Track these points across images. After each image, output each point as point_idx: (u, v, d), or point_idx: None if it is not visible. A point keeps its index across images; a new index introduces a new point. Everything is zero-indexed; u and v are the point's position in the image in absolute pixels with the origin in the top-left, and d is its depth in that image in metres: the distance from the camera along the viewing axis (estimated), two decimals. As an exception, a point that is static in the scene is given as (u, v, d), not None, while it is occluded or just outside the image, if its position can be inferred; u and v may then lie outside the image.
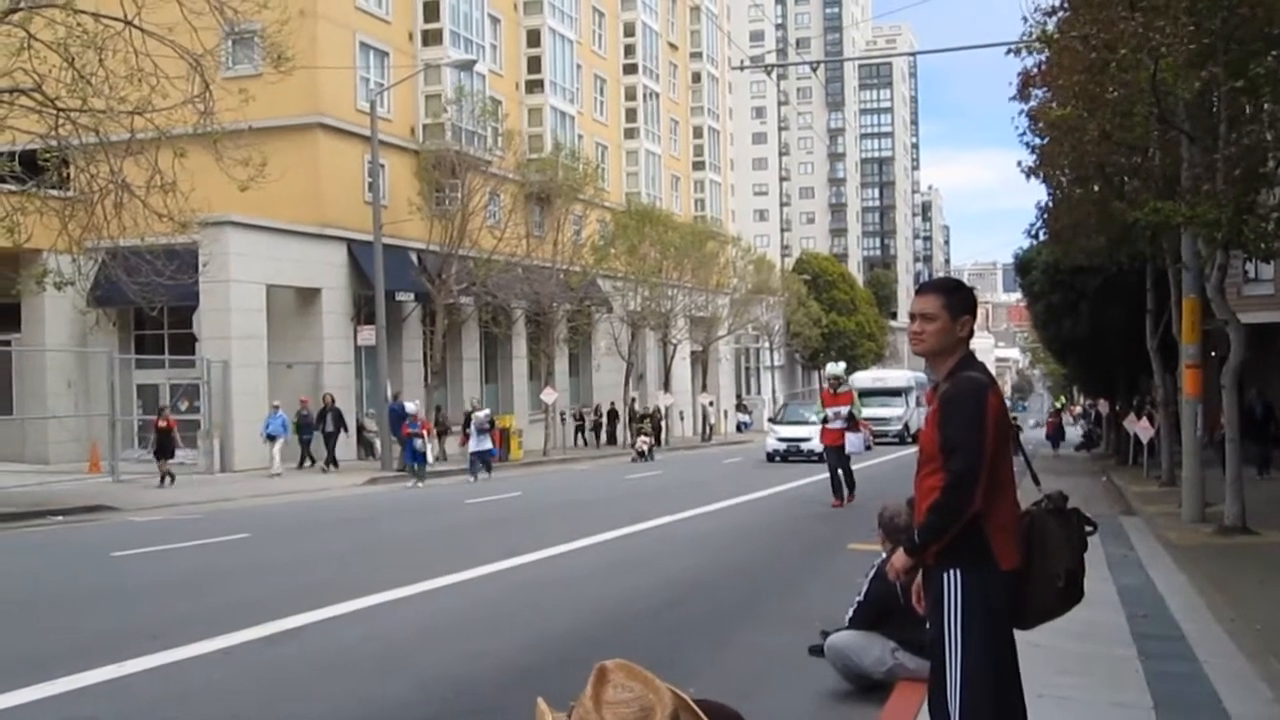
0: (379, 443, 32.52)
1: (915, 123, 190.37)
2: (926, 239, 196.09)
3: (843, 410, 19.68)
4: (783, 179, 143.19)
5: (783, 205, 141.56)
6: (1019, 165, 21.86)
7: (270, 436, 29.20)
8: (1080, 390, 70.00)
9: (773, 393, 73.75)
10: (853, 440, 19.73)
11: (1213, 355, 23.69)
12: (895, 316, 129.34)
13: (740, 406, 69.26)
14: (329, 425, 31.17)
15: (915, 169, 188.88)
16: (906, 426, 50.06)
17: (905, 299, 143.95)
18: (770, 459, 35.23)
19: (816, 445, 32.70)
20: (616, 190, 53.76)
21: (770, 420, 42.95)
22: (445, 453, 34.51)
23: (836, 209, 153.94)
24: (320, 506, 21.99)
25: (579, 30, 50.55)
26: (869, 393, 51.77)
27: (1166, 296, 21.98)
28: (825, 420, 19.94)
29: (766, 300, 64.53)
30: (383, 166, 33.56)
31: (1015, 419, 52.84)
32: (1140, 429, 26.79)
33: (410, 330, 37.90)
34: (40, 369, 31.44)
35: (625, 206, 50.89)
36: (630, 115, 56.67)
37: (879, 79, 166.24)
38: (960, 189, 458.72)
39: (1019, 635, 4.15)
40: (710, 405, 57.37)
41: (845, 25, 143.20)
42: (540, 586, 11.44)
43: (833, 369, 21.07)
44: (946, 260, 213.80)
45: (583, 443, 45.98)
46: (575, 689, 2.61)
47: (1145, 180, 17.97)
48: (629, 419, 47.02)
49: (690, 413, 58.88)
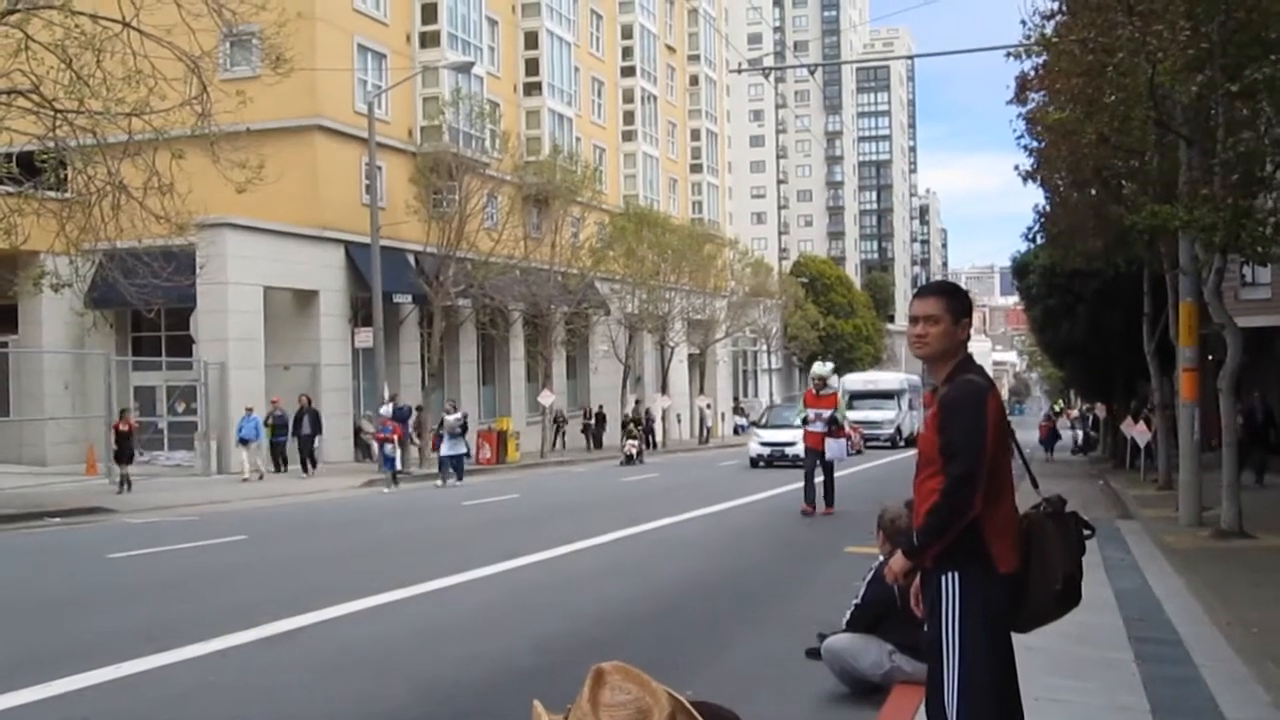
0: (375, 445, 32.44)
1: (913, 126, 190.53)
2: (924, 242, 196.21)
3: (825, 413, 18.60)
4: (780, 182, 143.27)
5: (780, 208, 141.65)
6: (1017, 169, 21.93)
7: (243, 440, 28.51)
8: (1078, 394, 70.02)
9: (770, 395, 73.77)
10: (833, 446, 18.60)
11: (1210, 359, 23.71)
12: (893, 320, 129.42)
13: (737, 409, 69.30)
14: (306, 428, 29.91)
15: (913, 172, 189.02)
16: (899, 430, 49.67)
17: (903, 302, 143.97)
18: (754, 464, 33.83)
19: (802, 450, 32.67)
20: (614, 193, 53.78)
21: (754, 424, 40.85)
22: (423, 456, 33.89)
23: (834, 212, 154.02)
24: (317, 509, 21.99)
25: (577, 33, 50.58)
26: (861, 395, 51.44)
27: (1164, 300, 22.01)
28: (805, 421, 18.88)
29: (764, 303, 64.57)
30: (380, 168, 33.56)
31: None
32: (1137, 433, 26.82)
33: (408, 332, 37.90)
34: (37, 371, 31.42)
35: (623, 209, 50.92)
36: (628, 118, 56.71)
37: (877, 82, 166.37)
38: (958, 192, 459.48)
39: (1016, 638, 4.16)
40: (707, 408, 57.41)
41: (843, 28, 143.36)
42: (538, 589, 11.44)
43: (820, 369, 19.81)
44: (944, 263, 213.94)
45: (562, 445, 44.31)
46: (573, 691, 2.62)
47: (1143, 184, 17.99)
48: (622, 423, 46.44)
49: (687, 415, 58.90)
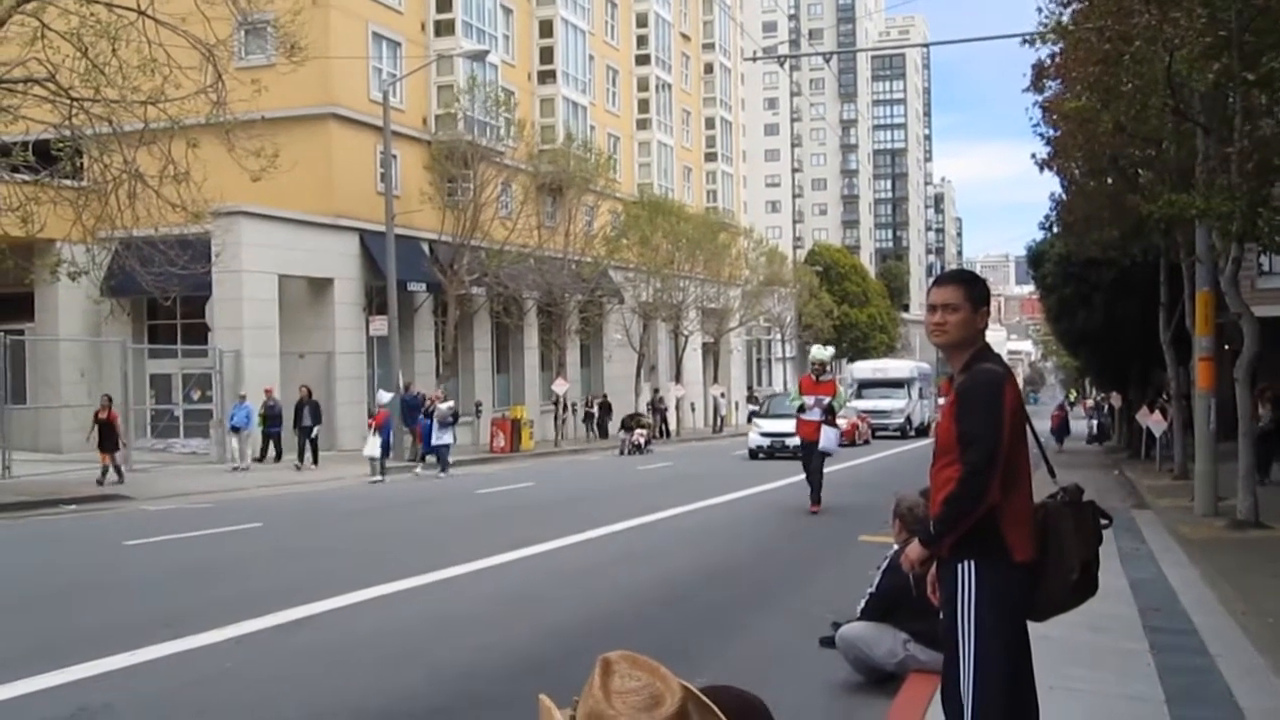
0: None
1: (928, 114, 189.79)
2: (939, 231, 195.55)
3: (824, 400, 17.02)
4: (795, 170, 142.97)
5: (795, 197, 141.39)
6: (1033, 158, 21.84)
7: (234, 428, 27.94)
8: (1093, 383, 69.78)
9: (784, 384, 73.70)
10: (828, 436, 17.01)
11: (1226, 349, 23.60)
12: (907, 308, 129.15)
13: (751, 398, 69.20)
14: (306, 419, 28.70)
15: (928, 161, 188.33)
16: (909, 420, 48.86)
17: (917, 291, 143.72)
18: (754, 455, 32.41)
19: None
20: (628, 181, 53.71)
21: (754, 414, 38.72)
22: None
23: (849, 201, 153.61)
24: (331, 497, 22.05)
25: (591, 21, 50.49)
26: (870, 384, 51.00)
27: (1180, 290, 21.90)
28: (802, 409, 17.13)
29: (778, 292, 64.45)
30: (395, 157, 33.58)
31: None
32: (1153, 422, 26.70)
33: (422, 321, 37.94)
34: (54, 358, 31.55)
35: (637, 198, 50.86)
36: (643, 106, 56.61)
37: (892, 70, 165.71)
38: (973, 181, 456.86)
39: (1032, 627, 4.15)
40: (721, 397, 57.37)
41: (858, 16, 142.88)
42: (551, 577, 11.46)
43: (820, 352, 18.09)
44: (959, 252, 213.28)
45: (560, 436, 42.46)
46: (585, 680, 2.62)
47: (1159, 172, 17.92)
48: (623, 421, 44.95)
49: (701, 404, 58.89)
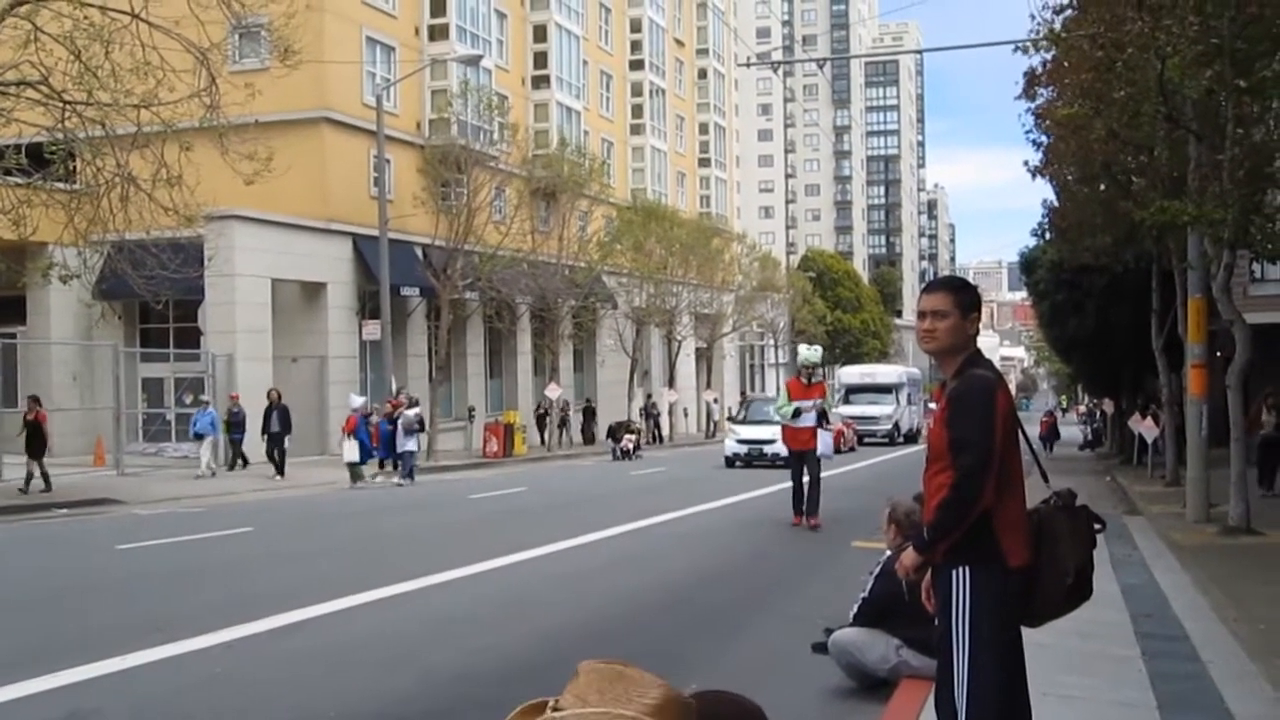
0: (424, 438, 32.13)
1: (921, 120, 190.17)
2: (932, 237, 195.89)
3: (819, 403, 16.02)
4: (788, 176, 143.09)
5: (788, 202, 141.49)
6: (1026, 165, 21.90)
7: (198, 435, 26.70)
8: (1085, 389, 69.89)
9: (777, 390, 73.70)
10: (824, 440, 16.21)
11: (1218, 355, 23.66)
12: (900, 314, 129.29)
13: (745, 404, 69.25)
14: (275, 425, 26.89)
15: (921, 167, 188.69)
16: (896, 426, 48.22)
17: (910, 297, 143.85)
18: (730, 464, 30.87)
19: (781, 448, 30.24)
20: (622, 186, 53.74)
21: (730, 420, 36.25)
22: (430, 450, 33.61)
23: (842, 206, 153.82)
24: (322, 501, 22.02)
25: (585, 26, 50.53)
26: (857, 389, 50.50)
27: (1172, 296, 21.95)
28: (796, 414, 15.80)
29: (771, 297, 64.49)
30: (388, 161, 33.55)
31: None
32: (1145, 428, 26.74)
33: (415, 325, 37.92)
34: (45, 362, 31.48)
35: (631, 203, 50.88)
36: (636, 111, 56.63)
37: (885, 76, 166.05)
38: (966, 187, 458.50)
39: (1024, 634, 4.15)
40: (715, 402, 57.39)
41: (852, 22, 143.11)
42: (545, 581, 11.45)
43: (810, 354, 16.82)
44: (952, 258, 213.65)
45: (552, 440, 41.76)
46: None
47: (1152, 179, 17.94)
48: (609, 430, 44.34)
49: (695, 409, 58.90)
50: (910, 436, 48.84)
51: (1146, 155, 17.86)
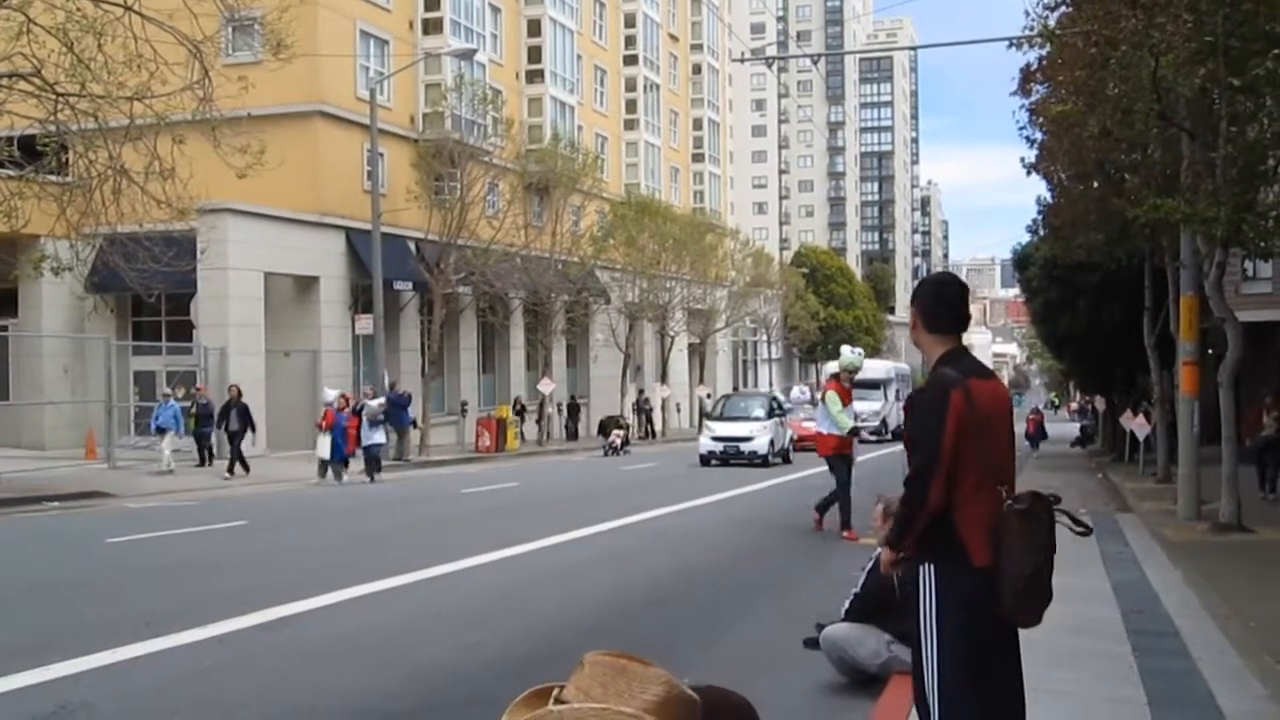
0: (391, 432, 32.23)
1: (915, 117, 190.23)
2: (925, 234, 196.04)
3: (854, 409, 15.28)
4: (782, 172, 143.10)
5: (782, 198, 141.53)
6: (1021, 161, 21.91)
7: (159, 429, 25.77)
8: (1077, 386, 70.02)
9: (770, 385, 73.79)
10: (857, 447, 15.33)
11: (1210, 353, 23.70)
12: (893, 310, 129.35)
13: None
14: (233, 423, 25.78)
15: (915, 164, 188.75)
16: (885, 423, 47.75)
17: (903, 293, 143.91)
18: (705, 462, 29.79)
19: (760, 446, 29.48)
20: (615, 181, 53.71)
21: (706, 415, 34.94)
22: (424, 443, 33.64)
23: (835, 203, 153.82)
24: (316, 496, 21.99)
25: (579, 20, 50.47)
26: None
27: (1165, 294, 21.98)
28: (857, 423, 15.10)
29: (764, 293, 64.53)
30: (382, 155, 33.51)
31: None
32: (1137, 426, 26.80)
33: (408, 319, 37.88)
34: (37, 355, 31.41)
35: (624, 198, 50.87)
36: (630, 106, 56.60)
37: (879, 73, 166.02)
38: (960, 184, 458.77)
39: (1019, 631, 4.15)
40: (707, 398, 57.31)
41: (846, 18, 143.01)
42: (537, 577, 11.45)
43: (853, 358, 15.56)
44: (945, 255, 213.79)
45: (521, 437, 39.87)
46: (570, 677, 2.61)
47: (1145, 177, 17.97)
48: (600, 425, 42.92)
49: (687, 405, 58.92)
50: (899, 434, 48.64)
51: (1140, 153, 17.89)
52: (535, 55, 46.66)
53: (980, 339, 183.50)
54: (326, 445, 24.54)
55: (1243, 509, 14.76)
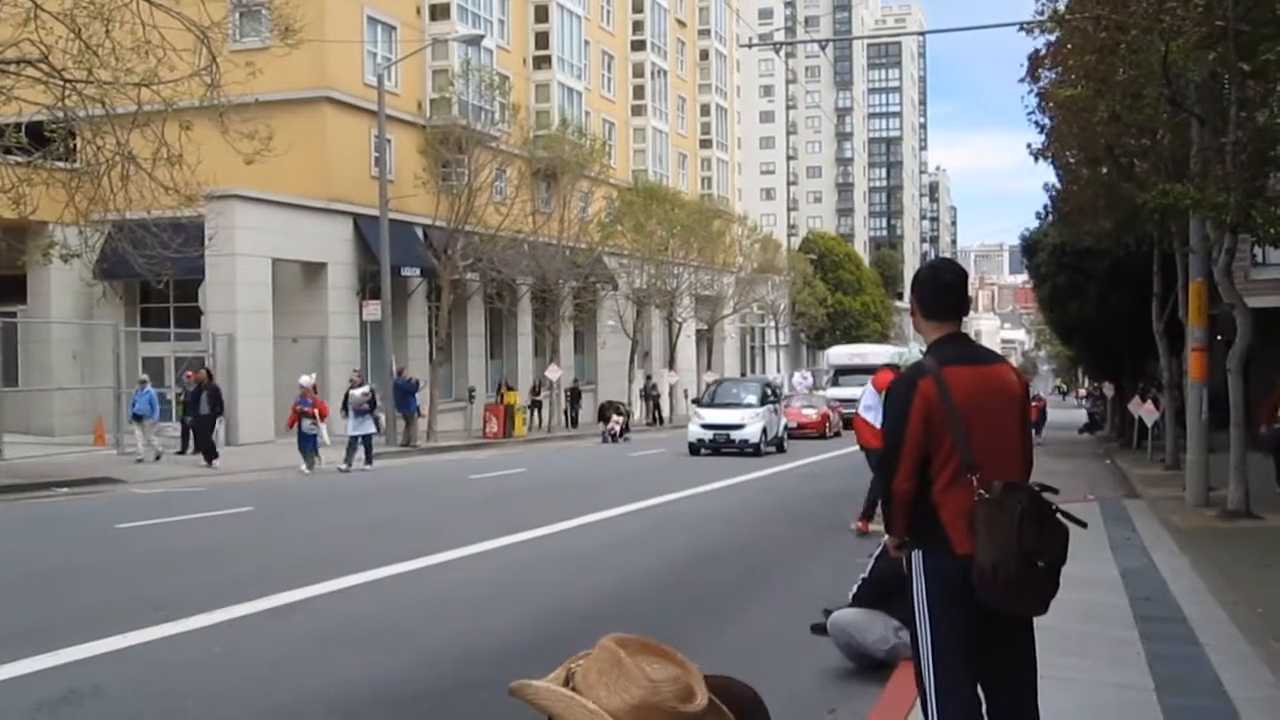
0: (383, 418, 32.41)
1: (924, 103, 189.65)
2: (933, 220, 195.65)
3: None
4: (790, 158, 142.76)
5: (789, 184, 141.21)
6: (1029, 148, 21.84)
7: (136, 416, 24.92)
8: (1085, 373, 69.87)
9: (778, 371, 73.74)
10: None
11: (1219, 339, 23.63)
12: (901, 296, 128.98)
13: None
14: (204, 408, 24.59)
15: (923, 149, 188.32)
16: None
17: (911, 279, 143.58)
18: (694, 451, 28.42)
19: (752, 435, 28.09)
20: (623, 167, 53.62)
21: (695, 402, 33.81)
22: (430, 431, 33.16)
23: (843, 189, 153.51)
24: (322, 481, 22.02)
25: (587, 6, 50.35)
26: (846, 370, 50.04)
27: (1173, 280, 21.91)
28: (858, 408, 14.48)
29: (772, 279, 64.42)
30: (389, 141, 33.48)
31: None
32: (1145, 412, 26.74)
33: (415, 306, 37.90)
34: (46, 341, 31.49)
35: (632, 184, 50.77)
36: (638, 92, 56.47)
37: (888, 58, 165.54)
38: (968, 170, 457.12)
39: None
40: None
41: (854, 4, 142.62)
42: (545, 562, 11.47)
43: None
44: (953, 241, 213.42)
45: (538, 422, 41.19)
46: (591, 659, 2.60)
47: (1154, 162, 17.90)
48: (600, 411, 42.06)
49: (695, 391, 58.88)
50: None
51: (1149, 138, 17.81)
52: (543, 41, 46.56)
53: (988, 325, 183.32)
54: (319, 429, 23.51)
55: (1251, 495, 14.74)
